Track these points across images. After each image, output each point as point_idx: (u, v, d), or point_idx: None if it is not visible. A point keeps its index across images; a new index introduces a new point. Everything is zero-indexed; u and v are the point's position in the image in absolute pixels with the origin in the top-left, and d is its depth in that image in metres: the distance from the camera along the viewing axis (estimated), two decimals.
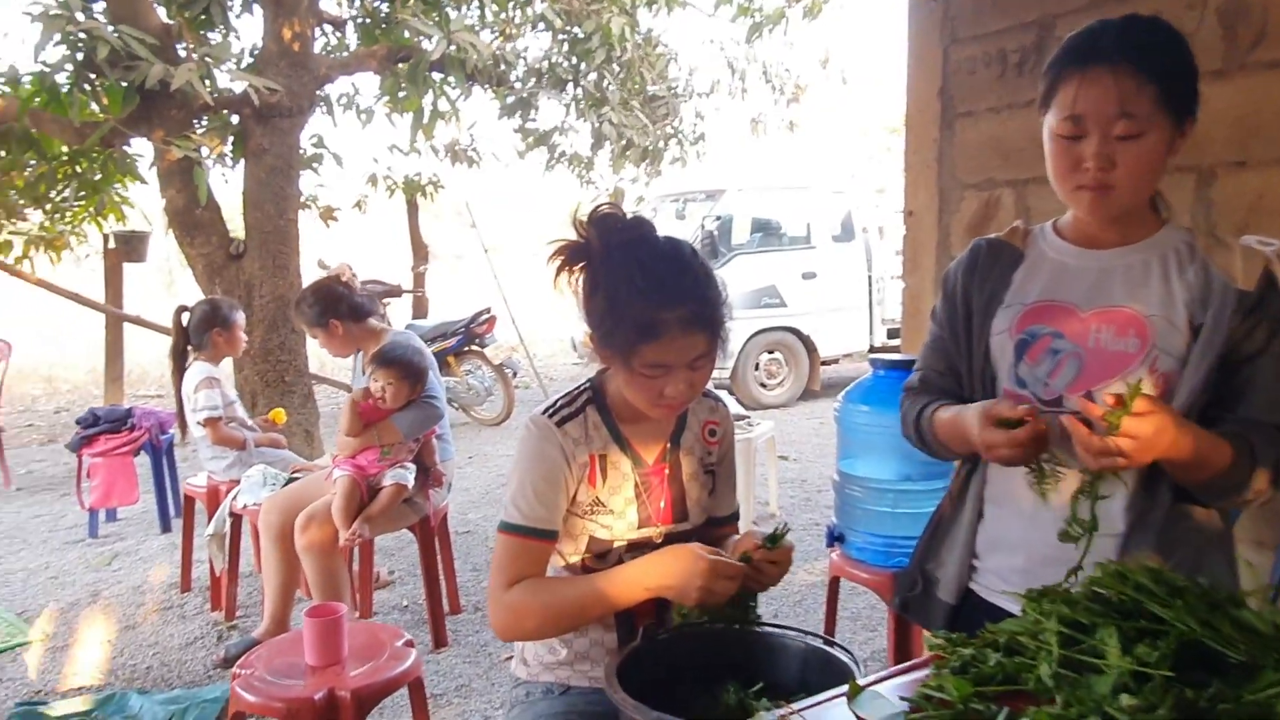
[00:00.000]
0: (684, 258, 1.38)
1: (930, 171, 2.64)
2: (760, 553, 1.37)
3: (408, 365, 2.87)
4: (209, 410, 3.36)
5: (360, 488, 2.89)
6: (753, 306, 7.63)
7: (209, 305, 3.57)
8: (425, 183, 8.12)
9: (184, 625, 3.37)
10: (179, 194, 5.22)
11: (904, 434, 1.50)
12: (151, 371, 10.53)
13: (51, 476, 5.83)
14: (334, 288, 3.09)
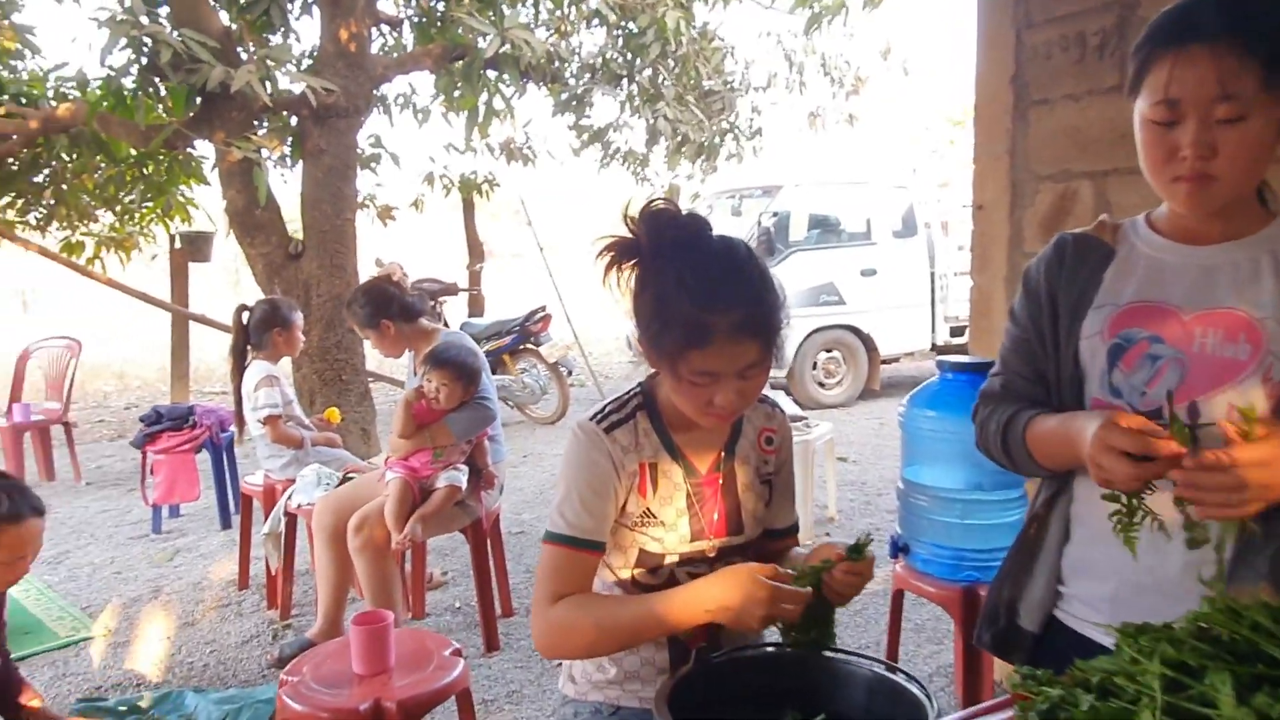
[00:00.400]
0: (738, 259, 1.29)
1: (1001, 163, 2.51)
2: (844, 564, 1.28)
3: (461, 366, 2.84)
4: (269, 409, 3.38)
5: (413, 489, 2.87)
6: (810, 304, 7.48)
7: (269, 305, 3.59)
8: (481, 181, 8.14)
9: (240, 623, 3.39)
10: (239, 194, 5.29)
11: (979, 444, 1.39)
12: (217, 369, 10.77)
13: (119, 472, 5.97)
14: (385, 288, 3.07)
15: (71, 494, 5.43)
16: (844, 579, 1.26)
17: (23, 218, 7.32)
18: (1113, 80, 2.25)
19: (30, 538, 2.20)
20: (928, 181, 8.17)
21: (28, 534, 2.18)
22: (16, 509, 2.16)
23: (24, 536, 2.16)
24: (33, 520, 2.19)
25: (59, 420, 5.52)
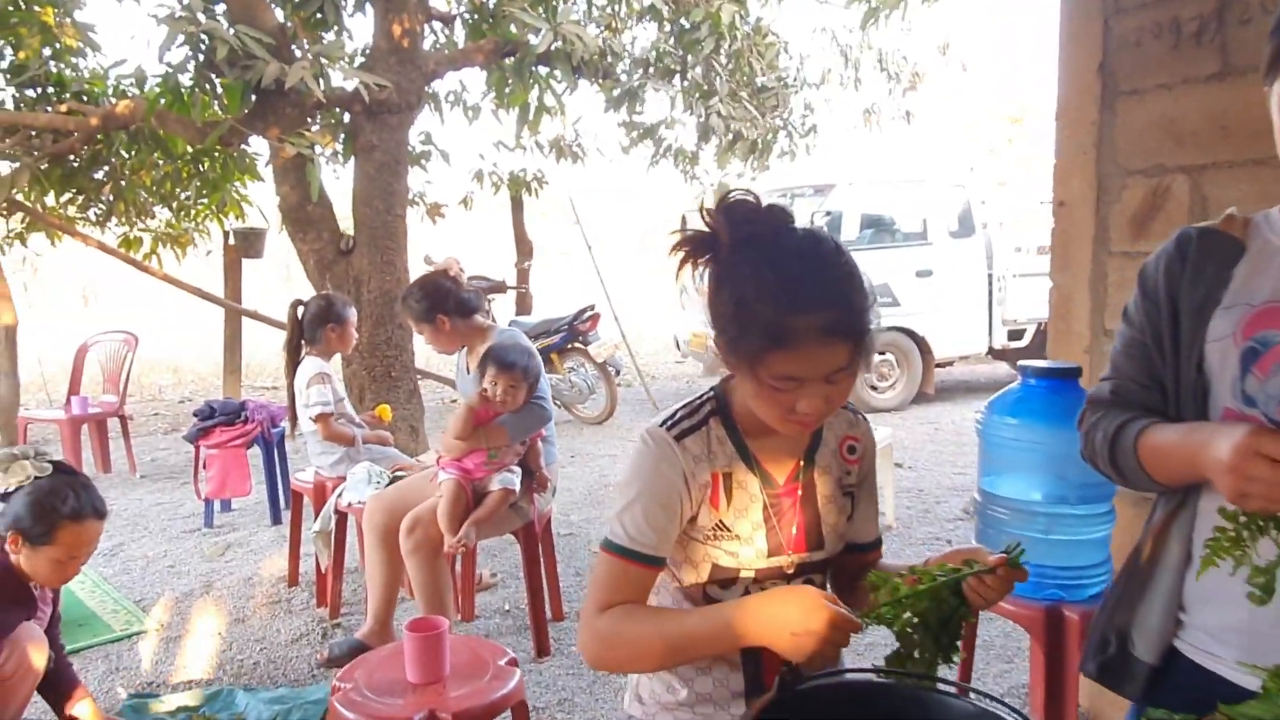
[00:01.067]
0: (825, 255, 1.20)
1: (1087, 158, 2.37)
2: (1005, 570, 1.16)
3: (526, 370, 2.78)
4: (320, 406, 3.36)
5: (466, 492, 2.81)
6: None
7: (324, 300, 3.57)
8: (530, 179, 8.11)
9: (290, 620, 3.37)
10: (292, 191, 5.30)
11: (1084, 454, 1.28)
12: (268, 364, 10.91)
13: (173, 465, 6.04)
14: (441, 283, 3.02)
15: (127, 486, 5.50)
16: (997, 587, 1.16)
17: (83, 213, 7.47)
18: (1212, 68, 2.11)
19: (88, 539, 2.18)
20: (986, 180, 7.95)
21: (87, 535, 2.16)
22: (80, 508, 2.14)
23: (82, 537, 2.15)
24: (93, 522, 2.17)
25: (115, 413, 5.59)
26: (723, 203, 1.23)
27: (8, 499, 2.14)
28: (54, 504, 2.11)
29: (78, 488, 2.19)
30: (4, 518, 2.12)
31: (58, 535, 2.09)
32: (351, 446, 3.48)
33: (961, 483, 5.14)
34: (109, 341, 5.76)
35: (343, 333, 3.54)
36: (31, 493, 2.11)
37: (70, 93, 6.08)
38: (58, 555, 2.12)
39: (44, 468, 2.16)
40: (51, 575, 2.17)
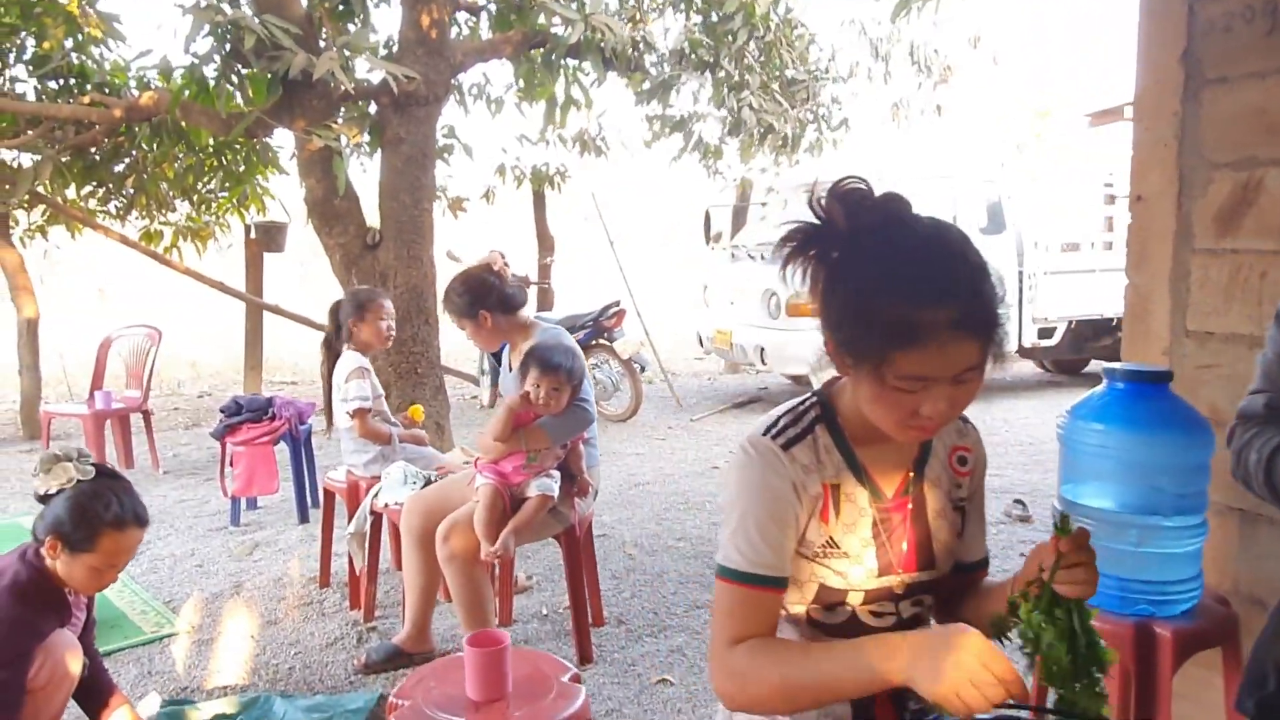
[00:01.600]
0: (953, 244, 1.11)
1: (1167, 150, 2.26)
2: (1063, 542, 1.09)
3: (571, 371, 2.68)
4: (359, 400, 3.28)
5: (503, 497, 2.72)
6: None
7: (351, 295, 3.50)
8: (553, 173, 8.01)
9: (324, 623, 3.29)
10: (318, 184, 5.22)
11: (1235, 474, 1.18)
12: (286, 359, 10.86)
13: (195, 461, 5.98)
14: (485, 278, 2.93)
15: (150, 482, 5.43)
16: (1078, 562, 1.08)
17: (104, 206, 7.43)
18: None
19: (129, 547, 2.11)
20: (1016, 175, 7.82)
21: (127, 543, 2.09)
22: (123, 515, 2.07)
23: (123, 545, 2.07)
24: (135, 530, 2.10)
25: (139, 408, 5.53)
26: (838, 190, 1.14)
27: (47, 501, 2.06)
28: (97, 510, 2.03)
29: (120, 493, 2.12)
30: (43, 521, 2.04)
31: (99, 542, 2.02)
32: (387, 445, 3.39)
33: (999, 484, 5.03)
34: (132, 336, 5.69)
35: (367, 325, 3.45)
36: (73, 497, 2.03)
37: (92, 84, 6.02)
38: (97, 563, 2.04)
39: (86, 470, 2.08)
40: (89, 583, 2.09)
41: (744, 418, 7.28)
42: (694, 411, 7.45)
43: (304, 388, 9.41)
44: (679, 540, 4.16)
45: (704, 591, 3.51)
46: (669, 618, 3.28)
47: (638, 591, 3.54)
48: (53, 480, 2.03)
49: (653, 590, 3.55)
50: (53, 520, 2.03)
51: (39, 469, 2.04)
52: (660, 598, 3.47)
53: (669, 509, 4.67)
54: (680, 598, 3.46)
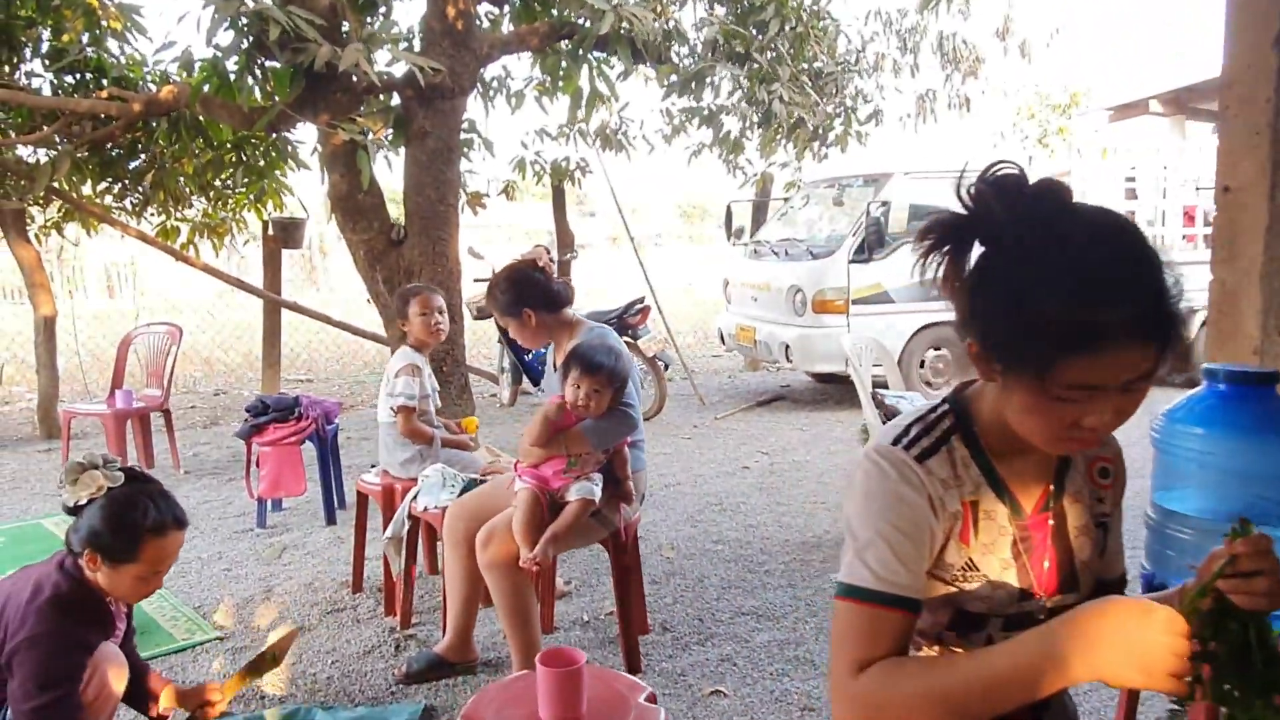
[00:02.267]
0: (1129, 237, 1.00)
1: (1259, 139, 2.15)
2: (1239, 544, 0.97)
3: (613, 373, 2.58)
4: (405, 397, 3.21)
5: (542, 502, 2.60)
6: (920, 299, 7.08)
7: (405, 291, 3.44)
8: (574, 168, 7.91)
9: (359, 631, 3.20)
10: (342, 179, 5.13)
11: None
12: (299, 356, 10.78)
13: (216, 461, 5.89)
14: (530, 274, 2.83)
15: (172, 483, 5.31)
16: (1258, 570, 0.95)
17: (120, 202, 7.35)
18: None
19: (172, 551, 2.02)
20: (1043, 170, 7.68)
21: (170, 547, 2.00)
22: (162, 519, 1.98)
23: (166, 550, 1.98)
24: (176, 533, 2.01)
25: (159, 407, 5.44)
26: (991, 176, 1.04)
27: (79, 512, 1.96)
28: (134, 518, 1.94)
29: (156, 497, 2.02)
30: (78, 534, 1.95)
31: (142, 551, 1.93)
32: (427, 446, 3.30)
33: None
34: (152, 334, 5.61)
35: (413, 322, 3.38)
36: (107, 506, 1.94)
37: (110, 79, 5.93)
38: (141, 572, 1.95)
39: (116, 477, 1.98)
40: (134, 592, 2.00)
41: (768, 416, 7.17)
42: (717, 410, 7.34)
43: (320, 385, 9.34)
44: (716, 543, 4.06)
45: (747, 597, 3.41)
46: (715, 624, 3.18)
47: (680, 597, 3.44)
48: (82, 490, 1.93)
49: (695, 595, 3.45)
50: (88, 533, 1.93)
51: (65, 479, 1.94)
52: (704, 603, 3.37)
53: (702, 510, 4.57)
54: (724, 604, 3.37)
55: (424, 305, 3.37)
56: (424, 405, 3.32)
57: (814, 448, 6.00)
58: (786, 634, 3.09)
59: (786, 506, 4.62)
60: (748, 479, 5.21)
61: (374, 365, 10.65)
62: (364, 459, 5.75)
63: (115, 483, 1.99)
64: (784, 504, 4.67)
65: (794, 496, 4.81)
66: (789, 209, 8.51)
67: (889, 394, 4.18)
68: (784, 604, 3.34)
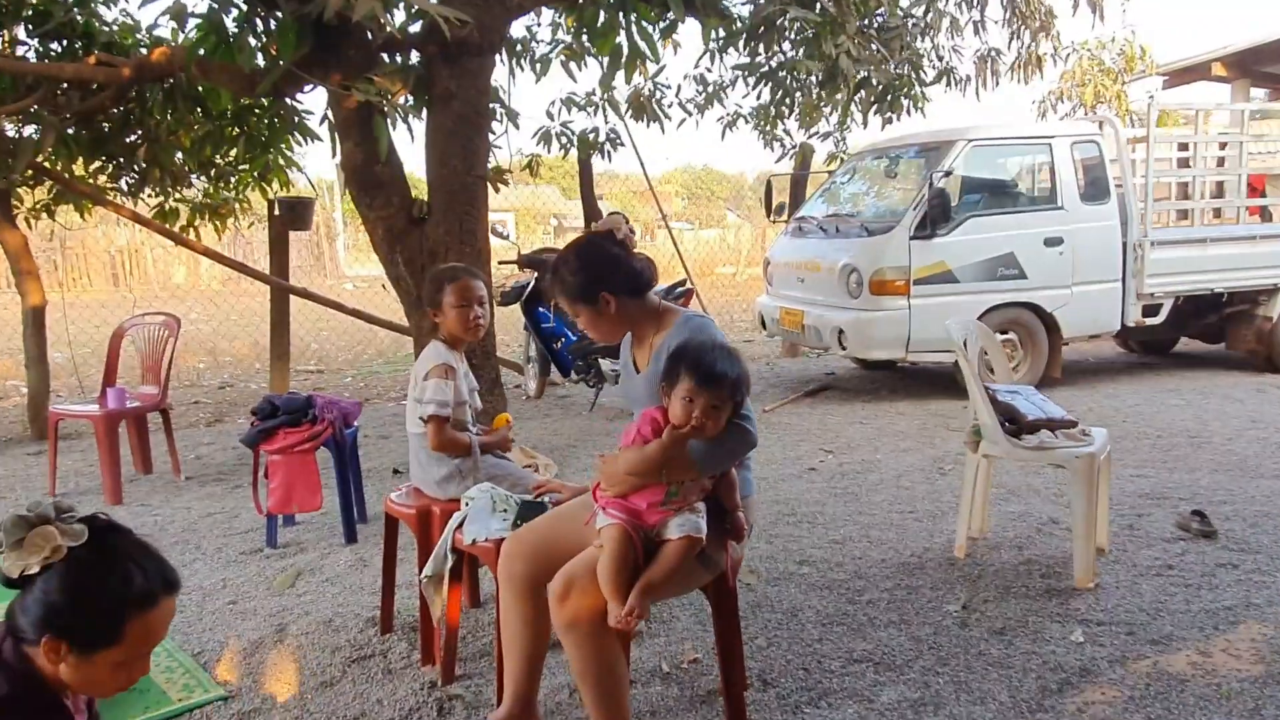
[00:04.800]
0: None
1: None
2: None
3: (737, 384, 2.01)
4: (437, 405, 2.66)
5: (635, 542, 2.03)
6: (986, 279, 6.48)
7: (438, 274, 2.88)
8: (603, 139, 7.28)
9: (392, 685, 2.63)
10: (357, 148, 4.53)
11: None
12: (309, 346, 10.24)
13: (221, 464, 5.34)
14: (607, 248, 2.23)
15: (171, 491, 4.80)
16: None
17: (115, 183, 6.78)
18: None
19: (161, 626, 1.47)
20: (1121, 136, 7.04)
21: (160, 622, 1.45)
22: (148, 587, 1.42)
23: (154, 626, 1.43)
24: (167, 602, 1.46)
25: (157, 406, 4.88)
26: None
27: (28, 583, 1.40)
28: (111, 589, 1.39)
29: (136, 555, 1.46)
30: (28, 615, 1.38)
31: (125, 631, 1.38)
32: (466, 458, 2.74)
33: (1146, 488, 4.33)
34: (147, 325, 5.04)
35: (446, 312, 2.82)
36: (69, 575, 1.38)
37: (99, 44, 5.36)
38: (121, 657, 1.41)
39: (76, 532, 1.41)
40: (110, 683, 1.45)
41: (820, 408, 6.59)
42: (763, 401, 6.75)
43: (331, 376, 8.79)
44: (800, 565, 3.48)
45: (855, 638, 2.83)
46: (825, 676, 2.61)
47: (774, 638, 2.87)
48: (30, 556, 1.37)
49: (792, 635, 2.88)
50: (46, 613, 1.37)
51: (4, 542, 1.38)
52: (805, 646, 2.80)
53: (775, 523, 3.99)
54: (830, 646, 2.79)
55: (462, 294, 2.79)
56: (459, 413, 2.76)
57: (880, 445, 5.41)
58: (918, 690, 2.51)
59: (871, 517, 4.04)
60: (817, 483, 4.63)
61: (389, 354, 10.08)
62: (384, 461, 5.19)
63: (76, 540, 1.42)
64: (867, 513, 4.09)
65: (876, 504, 4.23)
66: (833, 184, 7.89)
67: (1000, 389, 3.59)
68: (902, 648, 2.77)
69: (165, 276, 20.98)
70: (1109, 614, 2.96)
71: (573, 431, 5.92)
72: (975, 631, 2.86)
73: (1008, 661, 2.66)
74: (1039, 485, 4.41)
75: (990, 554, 3.54)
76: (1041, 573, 3.33)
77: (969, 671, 2.61)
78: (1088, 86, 10.47)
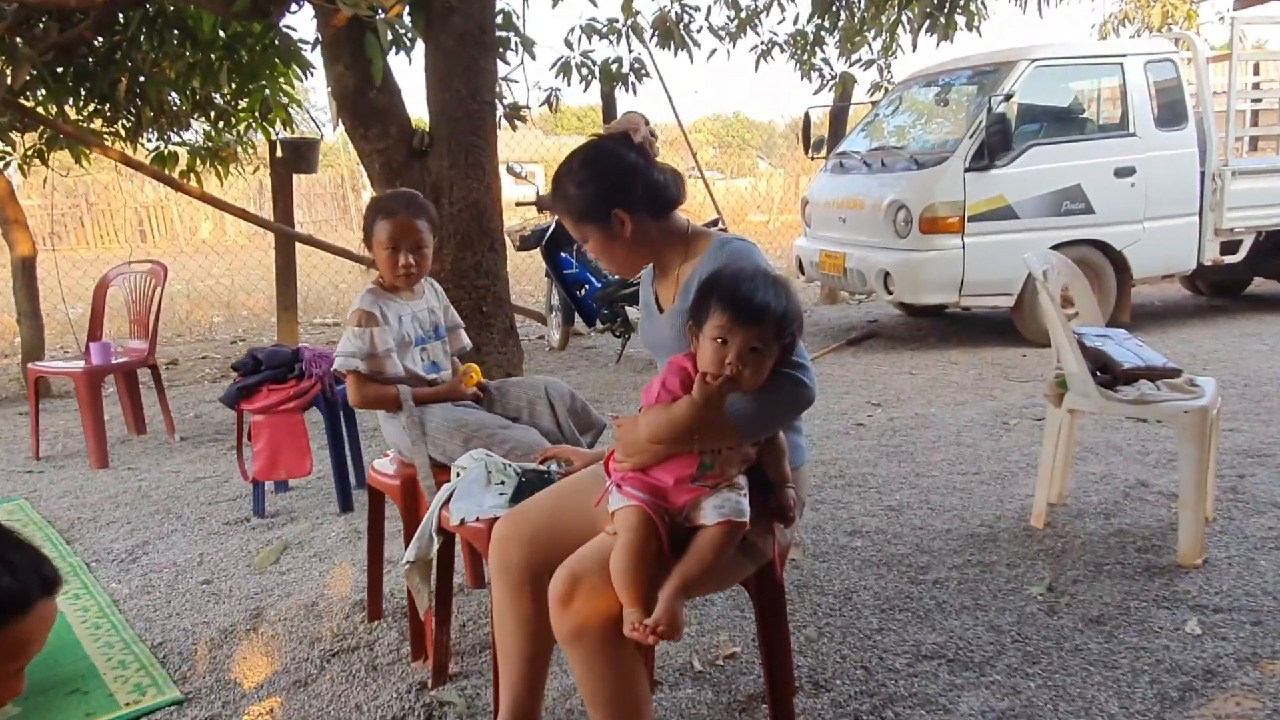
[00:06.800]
0: None
1: None
2: None
3: (785, 319, 1.53)
4: (344, 359, 2.30)
5: (658, 527, 1.58)
6: (1050, 214, 5.90)
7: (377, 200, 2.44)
8: (627, 69, 6.73)
9: (375, 686, 2.24)
10: (348, 71, 4.06)
11: None
12: (328, 297, 9.88)
13: (219, 423, 4.98)
14: (622, 156, 1.75)
15: (162, 453, 4.45)
16: None
17: (110, 127, 6.39)
18: None
19: (39, 634, 1.07)
20: (1200, 54, 6.35)
21: (37, 630, 1.05)
22: (20, 589, 1.03)
23: (30, 635, 1.04)
24: (43, 605, 1.06)
25: (144, 362, 4.51)
26: None
27: None
28: None
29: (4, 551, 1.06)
30: None
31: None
32: (398, 410, 2.32)
33: (1241, 443, 3.81)
34: (132, 274, 4.66)
35: (375, 252, 2.38)
36: None
37: None
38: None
39: None
40: None
41: (865, 358, 6.09)
42: None
43: None
44: (852, 536, 3.03)
45: (922, 627, 2.38)
46: (889, 677, 2.17)
47: (825, 627, 2.43)
48: None
49: (846, 624, 2.43)
50: None
51: None
52: (863, 638, 2.36)
53: (821, 486, 3.53)
54: (893, 638, 2.34)
55: (392, 235, 2.33)
56: (375, 365, 2.32)
57: (933, 398, 4.92)
58: (1004, 697, 2.06)
59: (930, 479, 3.57)
60: (866, 440, 4.16)
61: None
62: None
63: None
64: (925, 475, 3.62)
65: (934, 465, 3.75)
66: (876, 116, 7.28)
67: (1088, 332, 3.08)
68: (980, 641, 2.31)
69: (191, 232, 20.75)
70: (1226, 598, 2.48)
71: (598, 385, 5.49)
72: (1066, 620, 2.40)
73: (1112, 660, 2.20)
74: (1119, 442, 3.91)
75: (1073, 523, 3.06)
76: (1137, 546, 2.85)
77: (1065, 672, 2.15)
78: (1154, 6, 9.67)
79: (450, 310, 2.60)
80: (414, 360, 2.42)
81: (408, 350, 2.40)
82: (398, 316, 2.38)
